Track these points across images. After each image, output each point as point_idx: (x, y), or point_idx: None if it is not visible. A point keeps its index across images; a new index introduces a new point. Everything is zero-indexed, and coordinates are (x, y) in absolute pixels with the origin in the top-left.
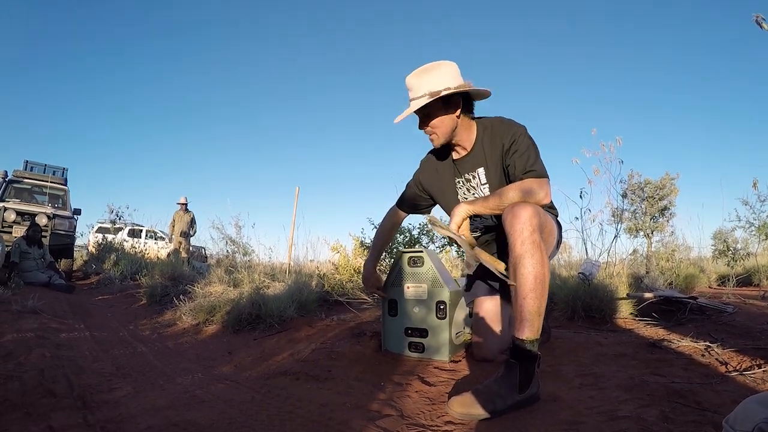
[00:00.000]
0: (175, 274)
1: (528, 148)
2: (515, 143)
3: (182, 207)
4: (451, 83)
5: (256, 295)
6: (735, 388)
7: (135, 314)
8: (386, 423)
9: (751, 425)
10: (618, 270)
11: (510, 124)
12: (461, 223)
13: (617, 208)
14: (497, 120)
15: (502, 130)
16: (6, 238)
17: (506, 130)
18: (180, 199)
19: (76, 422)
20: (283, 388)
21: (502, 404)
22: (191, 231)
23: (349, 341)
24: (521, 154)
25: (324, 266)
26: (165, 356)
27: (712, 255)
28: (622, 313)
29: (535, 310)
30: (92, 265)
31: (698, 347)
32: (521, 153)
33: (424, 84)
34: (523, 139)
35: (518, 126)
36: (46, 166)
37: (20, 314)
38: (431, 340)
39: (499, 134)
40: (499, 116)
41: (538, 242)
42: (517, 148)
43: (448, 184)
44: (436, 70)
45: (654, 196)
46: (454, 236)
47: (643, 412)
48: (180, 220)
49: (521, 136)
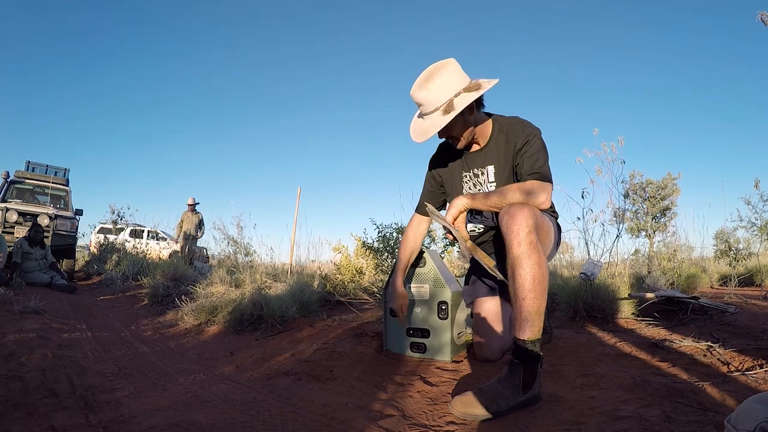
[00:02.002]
0: (177, 274)
1: (538, 151)
2: (527, 144)
3: (190, 208)
4: (459, 85)
5: (258, 296)
6: (737, 388)
7: (137, 314)
8: (388, 423)
9: (753, 424)
10: (620, 270)
11: (525, 125)
12: (457, 216)
13: (619, 208)
14: (514, 120)
15: (518, 130)
16: (8, 238)
17: (521, 131)
18: (188, 199)
19: (78, 422)
20: (284, 389)
21: (504, 404)
22: (198, 233)
23: (350, 341)
24: (530, 155)
25: (326, 266)
26: (167, 356)
27: (714, 255)
28: (623, 314)
29: (534, 310)
30: (94, 265)
31: (700, 347)
32: (531, 154)
33: (433, 96)
34: (536, 141)
35: (533, 128)
36: (48, 167)
37: (22, 314)
38: (433, 340)
39: (514, 134)
40: (516, 116)
41: (534, 243)
42: (528, 149)
43: (455, 174)
44: (438, 75)
45: (656, 196)
46: (450, 227)
47: (645, 412)
48: (187, 221)
49: (534, 137)
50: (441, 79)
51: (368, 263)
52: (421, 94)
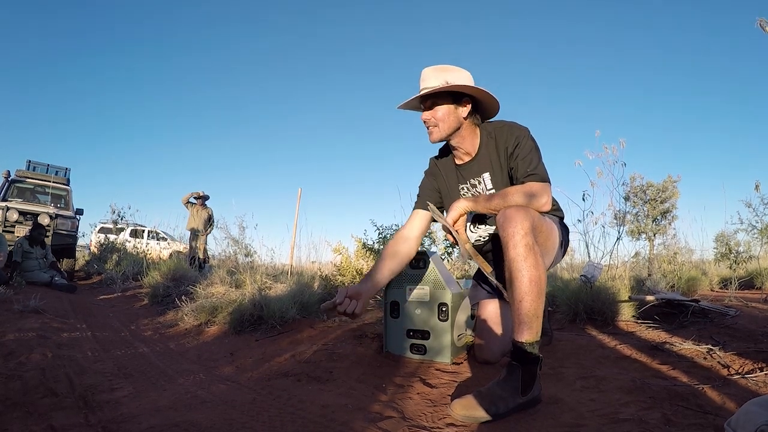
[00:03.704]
0: (177, 274)
1: (531, 151)
2: (518, 146)
3: (199, 202)
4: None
5: (258, 297)
6: (737, 391)
7: (137, 314)
8: (388, 425)
9: (752, 428)
10: (620, 272)
11: (513, 126)
12: (458, 219)
13: (620, 210)
14: (500, 123)
15: (506, 133)
16: (8, 237)
17: (510, 134)
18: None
19: (78, 422)
20: (284, 390)
21: (504, 407)
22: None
23: (350, 343)
24: (524, 158)
25: (326, 267)
26: (166, 357)
27: (714, 258)
28: (623, 316)
29: (532, 312)
30: (94, 265)
31: (700, 350)
32: (524, 156)
33: (441, 77)
34: (526, 141)
35: (521, 128)
36: (49, 166)
37: (22, 314)
38: (433, 342)
39: (503, 138)
40: (501, 120)
41: (531, 245)
42: (519, 151)
43: (452, 189)
44: (454, 71)
45: (656, 199)
46: (450, 228)
47: (645, 414)
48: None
49: (524, 138)
50: (454, 72)
51: (368, 264)
52: (430, 71)
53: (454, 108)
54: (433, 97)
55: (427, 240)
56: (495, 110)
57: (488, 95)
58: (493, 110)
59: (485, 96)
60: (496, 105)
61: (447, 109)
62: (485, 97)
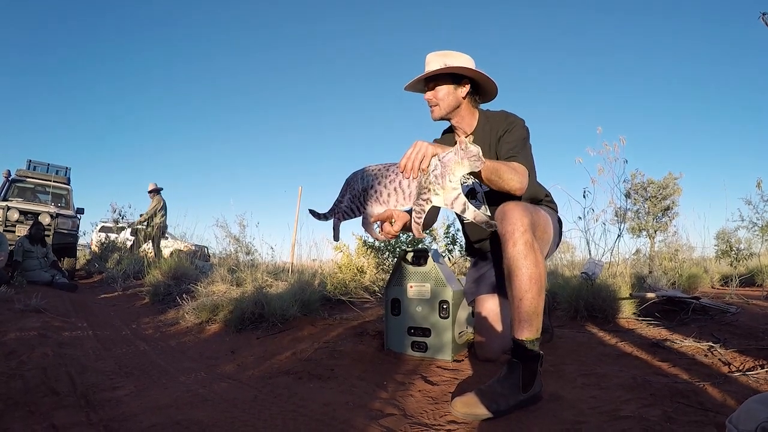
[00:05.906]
0: (178, 273)
1: (518, 137)
2: (509, 132)
3: (151, 195)
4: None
5: (259, 294)
6: (738, 388)
7: (138, 313)
8: (389, 422)
9: (754, 425)
10: (621, 270)
11: (509, 115)
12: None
13: (620, 207)
14: (499, 111)
15: (501, 119)
16: (9, 237)
17: (504, 120)
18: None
19: (79, 420)
20: (285, 387)
21: (505, 404)
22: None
23: (351, 340)
24: (509, 141)
25: (327, 265)
26: (168, 355)
27: (715, 255)
28: (624, 313)
29: (532, 310)
30: (95, 264)
31: (701, 347)
32: (510, 140)
33: (442, 61)
34: (518, 129)
35: (517, 118)
36: (49, 166)
37: (23, 313)
38: (434, 339)
39: (497, 123)
40: (502, 109)
41: (530, 242)
42: (509, 136)
43: None
44: (455, 55)
45: (657, 196)
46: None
47: (646, 412)
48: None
49: (516, 126)
50: (456, 57)
51: (369, 262)
52: (433, 56)
53: (454, 89)
54: (435, 79)
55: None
56: (493, 92)
57: (485, 77)
58: (491, 92)
59: (482, 77)
60: (493, 87)
61: (447, 89)
62: (482, 78)
